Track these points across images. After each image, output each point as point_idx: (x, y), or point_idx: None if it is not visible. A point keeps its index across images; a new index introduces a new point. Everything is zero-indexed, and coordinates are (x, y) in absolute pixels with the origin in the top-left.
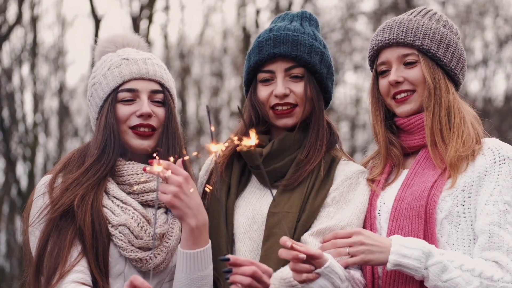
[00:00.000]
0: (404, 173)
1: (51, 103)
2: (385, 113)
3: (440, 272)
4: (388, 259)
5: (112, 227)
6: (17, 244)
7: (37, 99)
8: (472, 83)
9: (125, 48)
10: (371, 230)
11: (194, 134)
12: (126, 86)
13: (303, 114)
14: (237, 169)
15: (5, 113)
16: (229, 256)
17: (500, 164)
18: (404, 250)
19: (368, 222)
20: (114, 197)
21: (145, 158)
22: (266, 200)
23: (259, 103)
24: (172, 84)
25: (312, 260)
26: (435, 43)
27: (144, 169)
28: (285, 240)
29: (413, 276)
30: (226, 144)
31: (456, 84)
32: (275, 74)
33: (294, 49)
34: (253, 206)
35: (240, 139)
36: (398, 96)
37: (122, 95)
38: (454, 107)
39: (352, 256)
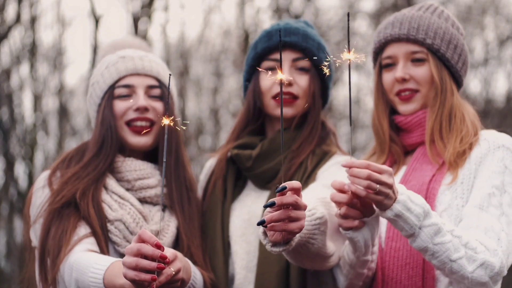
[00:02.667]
0: (403, 170)
1: (50, 103)
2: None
3: (433, 234)
4: (392, 207)
5: (108, 222)
6: (16, 244)
7: (36, 99)
8: (472, 83)
9: (124, 49)
10: None
11: (193, 134)
12: (122, 82)
13: (303, 108)
14: (233, 172)
15: (4, 113)
16: (284, 184)
17: (493, 152)
18: (410, 204)
19: None
20: (113, 192)
21: (144, 155)
22: (261, 202)
23: (260, 92)
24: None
25: (363, 206)
26: (445, 43)
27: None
28: (340, 183)
29: (401, 231)
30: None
31: (459, 85)
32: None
33: (304, 41)
34: (249, 208)
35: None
36: (403, 94)
37: (118, 91)
38: (456, 108)
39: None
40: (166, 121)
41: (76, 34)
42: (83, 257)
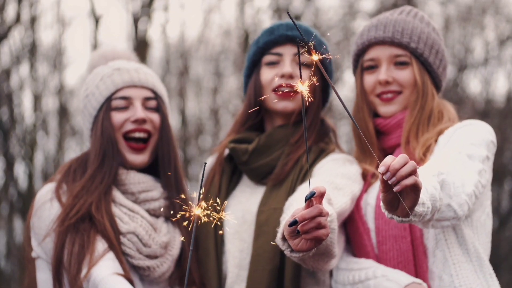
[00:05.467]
0: None
1: (50, 103)
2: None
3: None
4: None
5: (120, 235)
6: (16, 244)
7: (36, 99)
8: (472, 83)
9: (115, 60)
10: (364, 231)
11: (193, 134)
12: (119, 94)
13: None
14: (228, 168)
15: (4, 113)
16: (313, 190)
17: (460, 128)
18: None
19: (360, 223)
20: (121, 204)
21: (145, 167)
22: (256, 198)
23: (261, 86)
24: (164, 92)
25: None
26: (428, 48)
27: None
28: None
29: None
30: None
31: (438, 89)
32: (282, 57)
33: (306, 36)
34: (243, 205)
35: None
36: (384, 96)
37: (115, 103)
38: (435, 111)
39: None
40: (198, 210)
41: (76, 34)
42: (110, 283)
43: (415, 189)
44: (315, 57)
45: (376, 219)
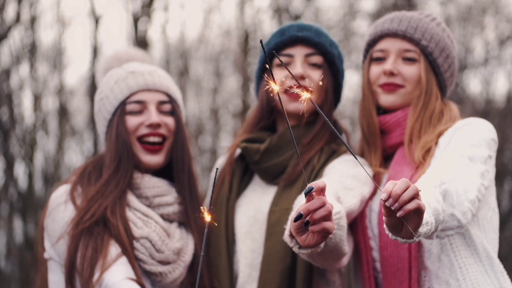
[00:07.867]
0: (385, 176)
1: (50, 103)
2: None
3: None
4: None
5: (134, 239)
6: (16, 244)
7: (36, 99)
8: (472, 83)
9: (129, 63)
10: (364, 241)
11: (193, 134)
12: (134, 98)
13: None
14: (239, 168)
15: (4, 113)
16: (311, 185)
17: (461, 128)
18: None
19: (361, 232)
20: (135, 209)
21: (157, 170)
22: (268, 198)
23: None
24: (178, 95)
25: None
26: (438, 50)
27: None
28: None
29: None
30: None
31: (443, 94)
32: (293, 58)
33: (317, 36)
34: (254, 205)
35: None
36: (387, 86)
37: (130, 107)
38: (437, 112)
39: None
40: (208, 217)
41: (76, 34)
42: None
43: (418, 212)
44: (307, 95)
45: (380, 224)
